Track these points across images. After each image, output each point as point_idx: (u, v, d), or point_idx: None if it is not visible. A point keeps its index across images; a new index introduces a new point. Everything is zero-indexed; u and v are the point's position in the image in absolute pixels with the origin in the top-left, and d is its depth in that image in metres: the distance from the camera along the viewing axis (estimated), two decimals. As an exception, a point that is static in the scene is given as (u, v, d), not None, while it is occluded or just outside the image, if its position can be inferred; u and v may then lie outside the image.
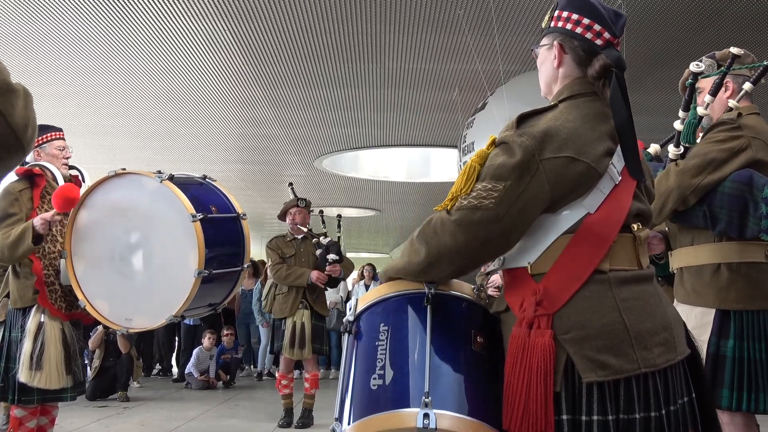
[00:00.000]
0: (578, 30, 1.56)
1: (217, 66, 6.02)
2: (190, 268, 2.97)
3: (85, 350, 6.27)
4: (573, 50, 1.58)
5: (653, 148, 2.63)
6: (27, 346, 3.15)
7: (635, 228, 1.54)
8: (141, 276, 3.09)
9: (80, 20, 5.05)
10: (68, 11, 4.89)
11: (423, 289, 1.61)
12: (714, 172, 2.28)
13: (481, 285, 1.72)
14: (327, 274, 5.24)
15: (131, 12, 4.92)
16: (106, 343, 6.86)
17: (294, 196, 5.61)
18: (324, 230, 5.76)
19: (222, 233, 3.23)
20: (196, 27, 5.17)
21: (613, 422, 1.40)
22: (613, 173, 1.51)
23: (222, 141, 8.80)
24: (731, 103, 2.40)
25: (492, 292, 1.71)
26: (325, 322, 5.50)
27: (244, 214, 3.38)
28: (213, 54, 5.73)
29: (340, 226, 5.73)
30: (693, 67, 2.30)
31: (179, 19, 5.04)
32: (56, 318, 3.25)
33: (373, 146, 8.89)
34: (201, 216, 2.98)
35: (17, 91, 1.14)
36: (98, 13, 4.92)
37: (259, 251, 5.62)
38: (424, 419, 1.40)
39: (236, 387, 7.90)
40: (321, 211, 5.69)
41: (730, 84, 2.46)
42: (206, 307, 3.39)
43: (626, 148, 1.53)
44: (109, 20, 5.05)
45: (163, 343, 8.91)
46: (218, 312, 3.62)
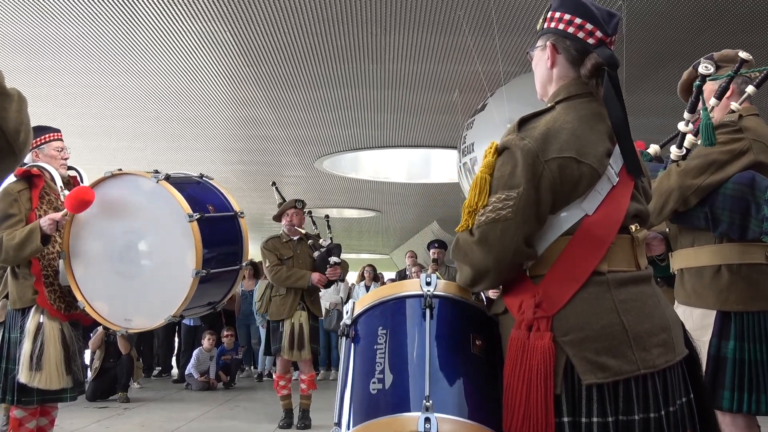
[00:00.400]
0: (570, 30, 1.56)
1: (217, 67, 6.01)
2: (187, 268, 2.96)
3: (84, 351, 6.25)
4: (566, 50, 1.58)
5: (653, 149, 2.63)
6: (26, 346, 3.14)
7: (633, 229, 1.54)
8: (139, 276, 3.09)
9: (80, 21, 5.04)
10: (68, 12, 4.89)
11: (421, 292, 1.60)
12: (716, 173, 2.27)
13: None
14: (327, 276, 5.23)
15: (131, 13, 4.91)
16: (106, 344, 6.85)
17: (279, 195, 5.60)
18: (316, 231, 5.74)
19: (219, 232, 3.22)
20: (196, 28, 5.17)
21: (613, 423, 1.39)
22: (610, 174, 1.51)
23: (222, 142, 8.80)
24: (734, 106, 2.39)
25: (490, 294, 1.70)
26: (319, 323, 5.50)
27: (242, 213, 3.37)
28: (213, 55, 5.72)
29: (330, 227, 5.72)
30: (702, 69, 2.29)
31: (179, 20, 5.04)
32: (55, 318, 3.24)
33: (373, 147, 8.89)
34: (198, 215, 2.98)
35: (11, 95, 1.14)
36: (98, 14, 4.92)
37: (258, 251, 5.62)
38: (425, 423, 1.39)
39: (236, 388, 7.89)
40: (310, 212, 5.69)
41: (731, 86, 2.45)
42: (205, 306, 3.39)
43: (623, 146, 1.53)
44: (109, 21, 5.04)
45: (162, 343, 8.90)
46: (218, 311, 3.61)
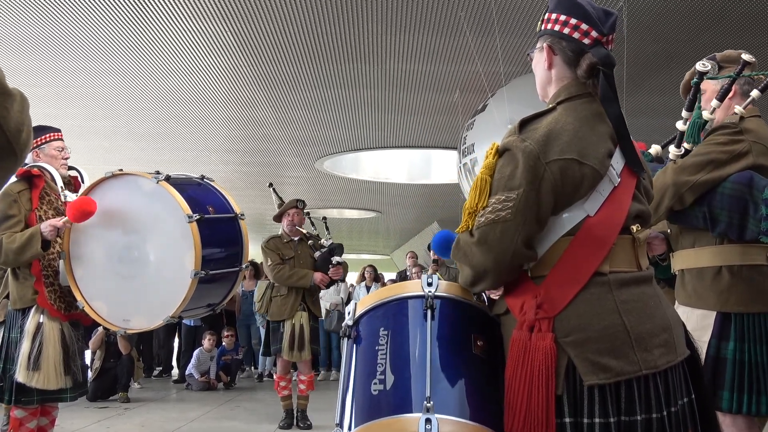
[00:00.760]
0: (566, 30, 1.57)
1: (218, 67, 6.02)
2: (186, 269, 2.96)
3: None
4: (562, 51, 1.59)
5: (654, 149, 2.62)
6: (25, 346, 3.14)
7: (635, 229, 1.54)
8: (138, 277, 3.09)
9: (81, 22, 5.05)
10: (69, 13, 4.89)
11: (423, 293, 1.60)
12: (713, 171, 2.26)
13: None
14: (330, 276, 5.24)
15: (132, 13, 4.91)
16: (106, 345, 6.85)
17: (277, 197, 5.60)
18: (315, 232, 5.74)
19: (219, 234, 3.22)
20: (196, 28, 5.17)
21: (615, 424, 1.39)
22: (612, 175, 1.51)
23: (223, 142, 8.80)
24: (738, 110, 2.38)
25: (492, 295, 1.70)
26: (319, 324, 5.50)
27: (242, 214, 3.37)
28: (214, 55, 5.72)
29: (327, 228, 5.72)
30: (699, 66, 2.28)
31: (180, 21, 5.04)
32: (55, 318, 3.24)
33: (373, 148, 8.89)
34: (197, 217, 2.97)
35: (13, 95, 1.13)
36: (99, 14, 4.92)
37: (259, 252, 5.61)
38: (426, 424, 1.39)
39: (237, 388, 7.89)
40: (308, 213, 5.69)
41: (733, 87, 2.44)
42: (205, 307, 3.38)
43: (623, 144, 1.53)
44: (109, 22, 5.05)
45: (163, 344, 8.90)
46: (217, 312, 3.61)
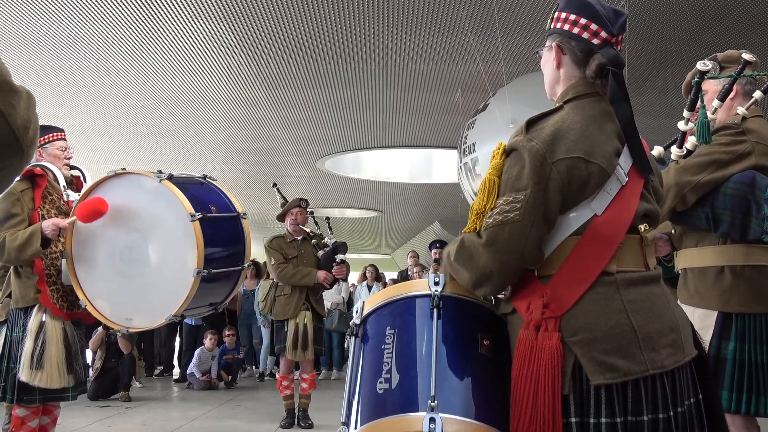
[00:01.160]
0: (575, 30, 1.56)
1: (219, 67, 6.02)
2: (189, 268, 2.96)
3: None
4: (571, 51, 1.59)
5: (656, 151, 2.61)
6: (28, 345, 3.15)
7: (642, 229, 1.53)
8: (141, 276, 3.09)
9: (83, 21, 5.05)
10: (71, 12, 4.89)
11: (429, 292, 1.60)
12: (715, 171, 2.26)
13: None
14: (334, 274, 5.24)
15: (134, 13, 4.92)
16: (107, 344, 6.85)
17: (281, 196, 5.61)
18: (318, 231, 5.76)
19: (222, 233, 3.22)
20: (198, 28, 5.17)
21: (621, 424, 1.39)
22: (620, 174, 1.51)
23: (224, 142, 8.81)
24: (740, 111, 2.38)
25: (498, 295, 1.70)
26: (323, 323, 5.50)
27: (245, 214, 3.38)
28: (216, 55, 5.73)
29: (331, 228, 5.74)
30: (700, 65, 2.28)
31: (181, 21, 5.04)
32: (58, 317, 3.24)
33: (375, 147, 8.89)
34: (200, 215, 2.98)
35: (20, 92, 1.12)
36: (101, 14, 4.92)
37: (261, 252, 5.62)
38: (429, 423, 1.39)
39: (238, 387, 7.89)
40: (312, 212, 5.70)
41: (735, 87, 2.44)
42: (207, 306, 3.39)
43: (631, 145, 1.53)
44: (111, 21, 5.05)
45: (164, 343, 8.91)
46: (219, 311, 3.62)
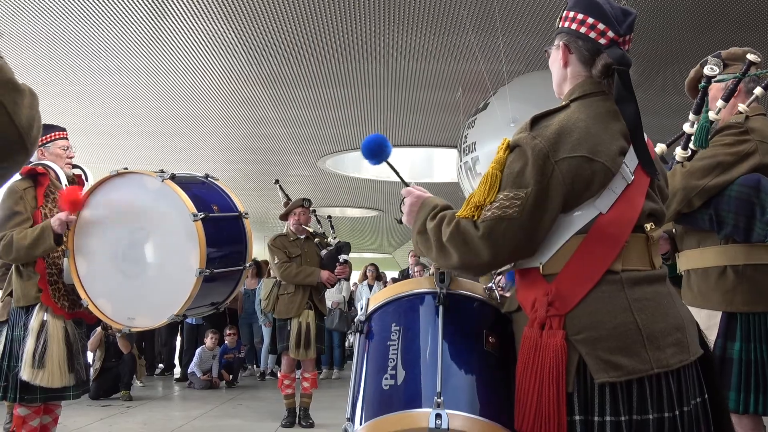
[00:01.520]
0: (582, 30, 1.57)
1: (221, 66, 6.02)
2: (191, 268, 2.97)
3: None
4: (578, 50, 1.59)
5: (659, 148, 2.61)
6: (30, 344, 3.15)
7: (648, 228, 1.53)
8: (143, 275, 3.09)
9: (84, 20, 5.05)
10: (72, 11, 4.89)
11: (435, 289, 1.60)
12: (721, 174, 2.26)
13: (492, 285, 1.71)
14: (337, 274, 5.26)
15: (135, 12, 4.92)
16: (106, 345, 6.84)
17: (283, 194, 5.61)
18: (321, 230, 5.76)
19: (224, 232, 3.23)
20: (199, 27, 5.17)
21: (626, 423, 1.39)
22: (625, 173, 1.50)
23: (225, 141, 8.81)
24: (741, 107, 2.38)
25: (500, 292, 1.70)
26: (324, 322, 5.52)
27: (246, 213, 3.38)
28: (217, 54, 5.73)
29: (333, 227, 5.74)
30: (707, 70, 2.27)
31: (183, 20, 5.04)
32: (59, 316, 3.24)
33: (376, 146, 8.87)
34: (202, 215, 2.98)
35: (23, 90, 1.14)
36: (102, 13, 4.92)
37: (262, 251, 5.62)
38: (436, 419, 1.39)
39: (239, 386, 7.90)
40: (314, 211, 5.71)
41: (739, 86, 2.44)
42: (209, 306, 3.39)
43: (636, 145, 1.53)
44: (113, 20, 5.05)
45: (165, 342, 8.92)
46: (221, 311, 3.62)
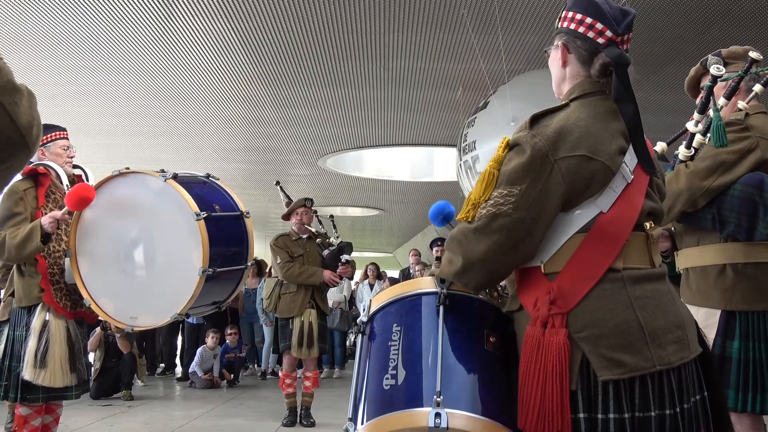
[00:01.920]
0: (581, 29, 1.57)
1: (221, 65, 6.02)
2: (194, 267, 2.97)
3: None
4: (576, 50, 1.60)
5: (660, 146, 2.61)
6: (32, 344, 3.15)
7: (648, 226, 1.54)
8: (145, 274, 3.10)
9: (84, 20, 5.05)
10: (72, 11, 4.90)
11: (436, 289, 1.61)
12: (724, 174, 2.27)
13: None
14: (339, 274, 5.28)
15: (136, 12, 4.92)
16: (105, 345, 6.85)
17: (284, 195, 5.62)
18: (323, 230, 5.76)
19: (226, 231, 3.23)
20: (200, 26, 5.17)
21: (629, 420, 1.40)
22: (625, 172, 1.51)
23: (226, 140, 8.81)
24: (741, 105, 2.39)
25: (501, 292, 1.72)
26: (326, 321, 5.53)
27: (248, 213, 3.39)
28: (217, 53, 5.73)
29: (335, 227, 5.75)
30: (714, 70, 2.27)
31: (183, 19, 5.04)
32: (61, 316, 3.25)
33: (376, 145, 8.89)
34: (205, 214, 2.99)
35: (21, 91, 1.15)
36: (102, 12, 4.93)
37: (263, 250, 5.64)
38: (435, 418, 1.40)
39: (240, 386, 7.90)
40: (315, 211, 5.71)
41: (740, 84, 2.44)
42: (210, 305, 3.40)
43: (635, 144, 1.53)
44: (113, 20, 5.05)
45: (166, 341, 8.93)
46: (222, 310, 3.63)
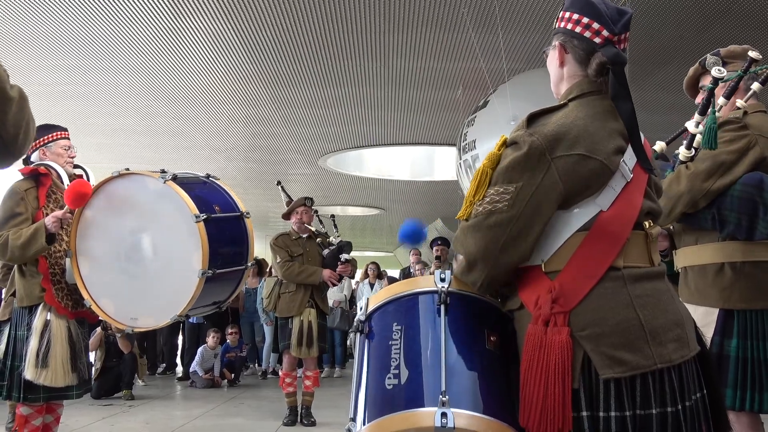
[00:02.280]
0: (578, 29, 1.58)
1: (221, 65, 6.03)
2: (194, 269, 2.97)
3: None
4: (573, 49, 1.60)
5: (659, 146, 2.62)
6: (33, 343, 3.16)
7: (647, 225, 1.55)
8: (145, 276, 3.10)
9: (84, 20, 5.06)
10: (72, 11, 4.90)
11: (435, 288, 1.61)
12: (725, 175, 2.27)
13: None
14: (339, 273, 5.29)
15: (136, 11, 4.92)
16: (106, 345, 6.85)
17: (285, 194, 5.63)
18: (324, 229, 5.77)
19: (226, 232, 3.23)
20: (200, 26, 5.18)
21: (631, 418, 1.40)
22: (624, 171, 1.52)
23: (227, 140, 8.81)
24: (739, 104, 2.39)
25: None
26: (326, 320, 5.54)
27: (248, 213, 3.39)
28: (218, 53, 5.73)
29: (336, 226, 5.75)
30: (715, 72, 2.28)
31: (183, 19, 5.05)
32: (62, 316, 3.25)
33: (377, 145, 8.89)
34: (204, 216, 2.99)
35: (12, 98, 1.16)
36: (103, 12, 4.93)
37: (264, 250, 5.64)
38: (442, 418, 1.39)
39: (241, 385, 7.91)
40: (316, 211, 5.72)
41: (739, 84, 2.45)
42: (211, 305, 3.40)
43: (633, 143, 1.54)
44: (113, 20, 5.06)
45: (167, 341, 8.93)
46: (223, 310, 3.63)
